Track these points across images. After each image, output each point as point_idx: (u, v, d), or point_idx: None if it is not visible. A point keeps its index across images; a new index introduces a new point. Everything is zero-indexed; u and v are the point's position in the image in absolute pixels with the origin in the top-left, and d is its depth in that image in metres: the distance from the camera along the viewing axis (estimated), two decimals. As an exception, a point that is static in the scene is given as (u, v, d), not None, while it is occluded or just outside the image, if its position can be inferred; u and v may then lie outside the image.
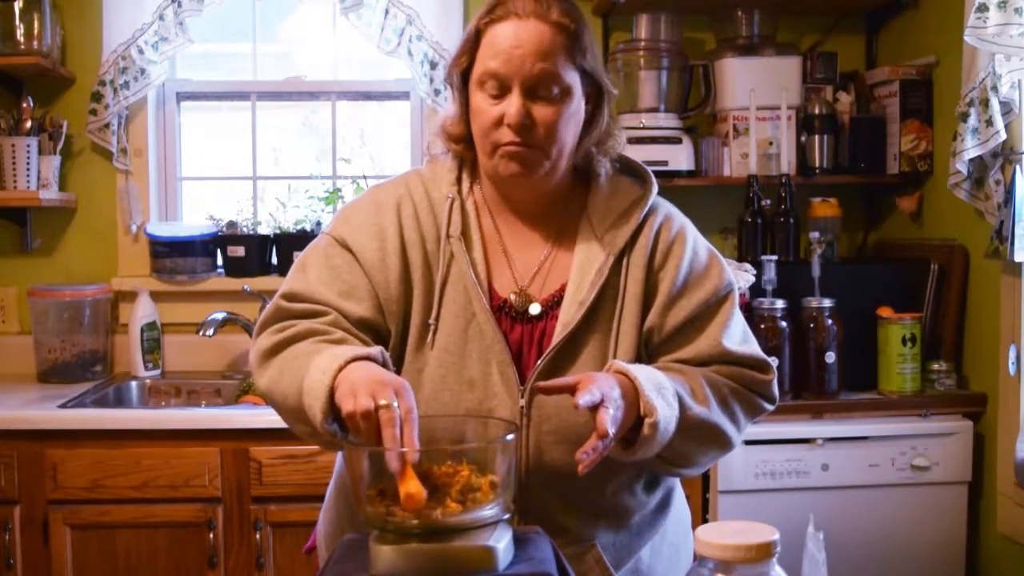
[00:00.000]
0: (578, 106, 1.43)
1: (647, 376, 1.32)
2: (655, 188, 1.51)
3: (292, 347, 1.37)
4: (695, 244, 1.50)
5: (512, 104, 1.37)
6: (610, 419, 1.21)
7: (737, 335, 1.47)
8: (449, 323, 1.42)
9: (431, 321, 1.42)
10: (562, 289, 1.45)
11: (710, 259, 1.49)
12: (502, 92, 1.38)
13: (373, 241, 1.44)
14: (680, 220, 1.52)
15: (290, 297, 1.43)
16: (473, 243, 1.45)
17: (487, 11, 1.41)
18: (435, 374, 1.41)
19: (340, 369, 1.24)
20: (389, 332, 1.44)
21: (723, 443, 1.43)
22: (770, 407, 1.50)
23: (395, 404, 1.16)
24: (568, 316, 1.41)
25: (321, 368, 1.26)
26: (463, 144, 1.49)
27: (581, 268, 1.44)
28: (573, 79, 1.40)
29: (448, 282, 1.43)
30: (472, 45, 1.42)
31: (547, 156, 1.40)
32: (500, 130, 1.38)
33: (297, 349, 1.36)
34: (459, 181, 1.49)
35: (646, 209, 1.48)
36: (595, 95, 1.46)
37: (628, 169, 1.54)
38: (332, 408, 1.23)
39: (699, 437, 1.39)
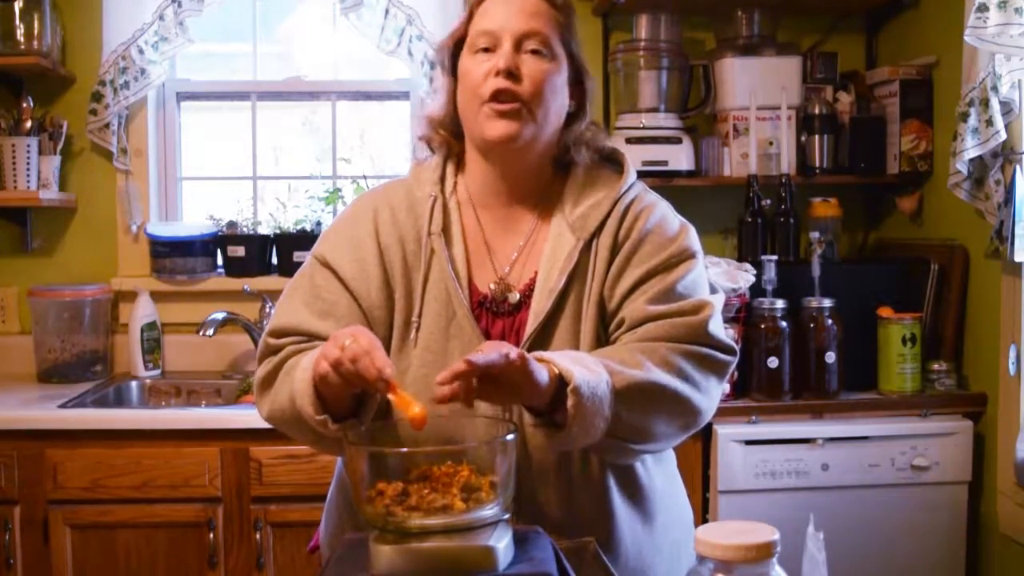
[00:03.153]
0: (563, 83, 1.46)
1: (560, 353, 1.31)
2: (631, 175, 1.52)
3: (282, 369, 1.43)
4: (661, 217, 1.49)
5: (502, 53, 1.41)
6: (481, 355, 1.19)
7: (678, 297, 1.42)
8: (431, 321, 1.44)
9: (415, 319, 1.44)
10: (536, 277, 1.46)
11: (676, 231, 1.48)
12: (493, 47, 1.43)
13: (351, 253, 1.48)
14: (651, 198, 1.52)
15: (275, 333, 1.48)
16: (454, 239, 1.47)
17: None
18: (418, 373, 1.43)
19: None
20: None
21: (681, 404, 1.37)
22: (726, 357, 1.42)
23: (352, 342, 1.23)
24: (539, 305, 1.43)
25: (302, 368, 1.33)
26: (448, 131, 1.52)
27: (551, 254, 1.45)
28: (560, 52, 1.45)
29: (429, 280, 1.45)
30: (465, 22, 1.49)
31: (532, 114, 1.42)
32: (487, 82, 1.41)
33: (286, 367, 1.42)
34: (442, 180, 1.52)
35: (618, 195, 1.48)
36: (579, 92, 1.50)
37: (608, 159, 1.55)
38: (321, 402, 1.31)
39: (645, 401, 1.34)
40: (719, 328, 1.43)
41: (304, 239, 3.02)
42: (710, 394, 1.42)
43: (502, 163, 1.49)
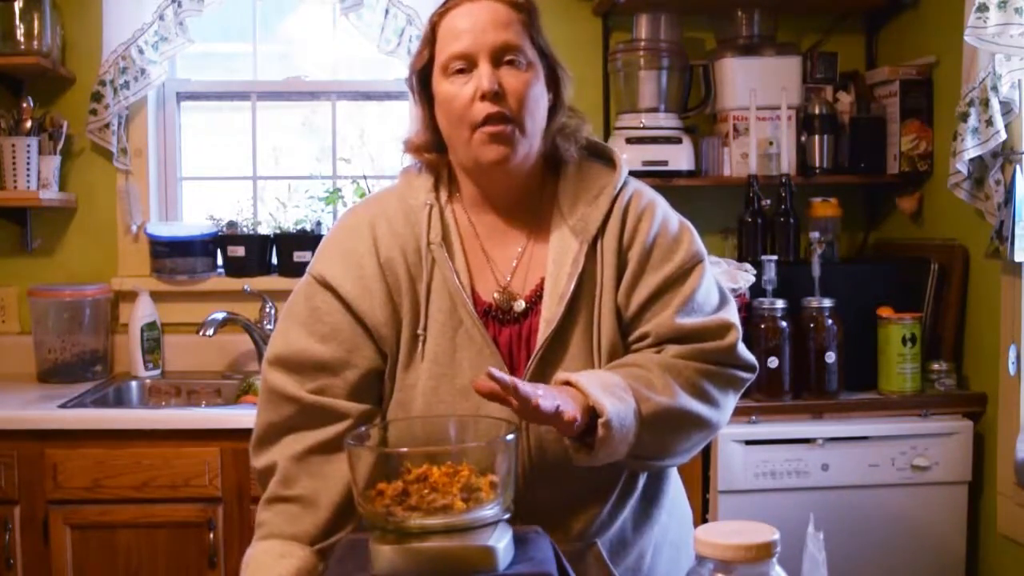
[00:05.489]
0: (543, 87, 1.44)
1: (592, 378, 1.30)
2: (623, 170, 1.49)
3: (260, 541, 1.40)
4: (664, 218, 1.48)
5: (482, 74, 1.37)
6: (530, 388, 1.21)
7: (699, 306, 1.43)
8: (437, 331, 1.41)
9: (420, 331, 1.41)
10: (543, 283, 1.44)
11: (679, 232, 1.47)
12: (469, 68, 1.38)
13: (351, 271, 1.43)
14: (649, 196, 1.50)
15: (277, 362, 1.43)
16: (454, 248, 1.44)
17: (439, 6, 1.44)
18: (427, 386, 1.40)
19: None
20: (385, 356, 1.43)
21: (702, 425, 1.39)
22: (747, 375, 1.45)
23: None
24: (550, 312, 1.40)
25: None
26: (434, 153, 1.48)
27: (557, 260, 1.43)
28: (533, 55, 1.42)
29: (432, 290, 1.42)
30: (430, 40, 1.43)
31: (523, 131, 1.40)
32: (474, 107, 1.37)
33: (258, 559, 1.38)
34: (436, 188, 1.48)
35: (615, 192, 1.46)
36: (553, 83, 1.46)
37: (596, 153, 1.53)
38: None
39: (669, 426, 1.36)
40: (743, 347, 1.45)
41: (304, 239, 3.03)
42: (726, 410, 1.44)
43: (494, 181, 1.46)
